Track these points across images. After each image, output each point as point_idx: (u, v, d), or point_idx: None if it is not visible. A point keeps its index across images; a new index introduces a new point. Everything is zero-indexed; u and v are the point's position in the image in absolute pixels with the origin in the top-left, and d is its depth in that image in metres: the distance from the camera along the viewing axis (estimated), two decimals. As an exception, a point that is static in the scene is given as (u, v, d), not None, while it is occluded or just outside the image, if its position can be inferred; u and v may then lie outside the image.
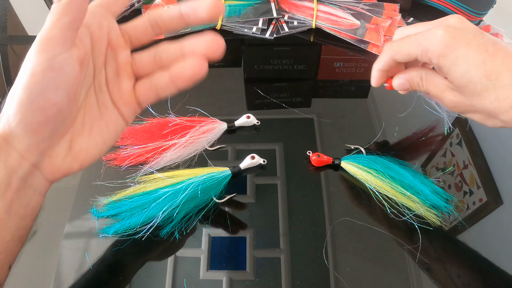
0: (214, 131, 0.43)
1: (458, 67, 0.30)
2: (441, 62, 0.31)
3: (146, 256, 0.34)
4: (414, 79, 0.35)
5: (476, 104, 0.31)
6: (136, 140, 0.42)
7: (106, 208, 0.36)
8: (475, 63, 0.29)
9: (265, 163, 0.41)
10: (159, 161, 0.40)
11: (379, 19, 0.56)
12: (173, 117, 0.44)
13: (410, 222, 0.36)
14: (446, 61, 0.30)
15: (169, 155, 0.40)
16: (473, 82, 0.30)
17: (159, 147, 0.41)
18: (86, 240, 0.35)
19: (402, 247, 0.34)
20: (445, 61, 0.31)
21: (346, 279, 0.32)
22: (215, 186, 0.38)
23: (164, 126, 0.43)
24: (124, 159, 0.40)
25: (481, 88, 0.30)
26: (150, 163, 0.40)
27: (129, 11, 0.54)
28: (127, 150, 0.41)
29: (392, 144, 0.44)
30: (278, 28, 0.58)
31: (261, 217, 0.37)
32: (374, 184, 0.38)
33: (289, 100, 0.42)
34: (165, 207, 0.35)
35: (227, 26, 0.58)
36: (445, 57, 0.30)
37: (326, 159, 0.40)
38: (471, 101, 0.31)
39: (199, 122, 0.43)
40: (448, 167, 0.41)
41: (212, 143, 0.43)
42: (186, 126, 0.43)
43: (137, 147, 0.41)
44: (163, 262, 0.34)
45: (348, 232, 0.36)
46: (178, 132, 0.42)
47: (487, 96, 0.30)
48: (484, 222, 0.37)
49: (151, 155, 0.40)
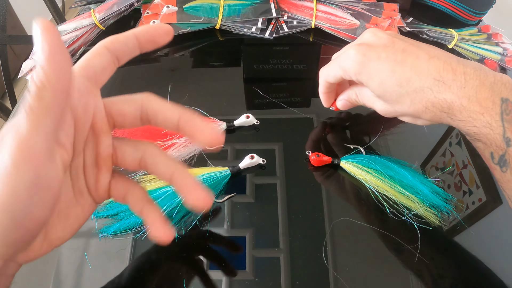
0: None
1: (373, 81, 0.33)
2: (359, 79, 0.34)
3: (145, 256, 0.34)
4: (351, 96, 0.39)
5: (398, 109, 0.33)
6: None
7: (106, 207, 0.36)
8: (386, 74, 0.32)
9: (264, 163, 0.41)
10: None
11: (379, 19, 0.56)
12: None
13: (410, 222, 0.36)
14: (362, 77, 0.34)
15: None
16: (388, 92, 0.32)
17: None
18: (85, 240, 0.35)
19: (401, 247, 0.34)
20: (362, 77, 0.34)
21: (346, 279, 0.32)
22: (215, 186, 0.38)
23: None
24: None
25: (396, 95, 0.32)
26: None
27: (129, 10, 0.54)
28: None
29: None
30: (278, 28, 0.58)
31: (261, 217, 0.37)
32: (374, 183, 0.38)
33: (288, 100, 0.42)
34: (165, 207, 0.35)
35: (227, 25, 0.58)
36: (360, 74, 0.33)
37: (325, 159, 0.40)
38: (394, 108, 0.34)
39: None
40: (448, 167, 0.41)
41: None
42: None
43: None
44: (162, 262, 0.34)
45: (347, 232, 0.36)
46: (178, 132, 0.42)
47: (404, 101, 0.32)
48: (484, 222, 0.37)
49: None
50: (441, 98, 0.30)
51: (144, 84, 0.51)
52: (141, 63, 0.55)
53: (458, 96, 0.30)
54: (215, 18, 0.57)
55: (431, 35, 0.58)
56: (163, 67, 0.54)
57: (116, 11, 0.52)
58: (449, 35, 0.57)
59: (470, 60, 0.32)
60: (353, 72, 0.34)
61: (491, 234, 0.37)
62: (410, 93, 0.31)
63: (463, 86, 0.30)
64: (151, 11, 0.57)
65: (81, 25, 0.52)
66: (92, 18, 0.52)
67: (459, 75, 0.30)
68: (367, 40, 0.34)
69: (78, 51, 0.51)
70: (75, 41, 0.51)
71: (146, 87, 0.50)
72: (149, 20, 0.56)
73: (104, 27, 0.53)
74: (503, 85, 0.29)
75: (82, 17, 0.53)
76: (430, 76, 0.30)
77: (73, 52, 0.51)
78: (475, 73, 0.30)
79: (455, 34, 0.57)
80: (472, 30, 0.60)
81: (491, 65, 0.54)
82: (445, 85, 0.30)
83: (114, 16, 0.53)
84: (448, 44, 0.56)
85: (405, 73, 0.31)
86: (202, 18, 0.56)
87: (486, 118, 0.29)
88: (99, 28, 0.53)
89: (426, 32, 0.58)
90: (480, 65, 0.31)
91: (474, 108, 0.29)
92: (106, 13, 0.52)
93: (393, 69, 0.32)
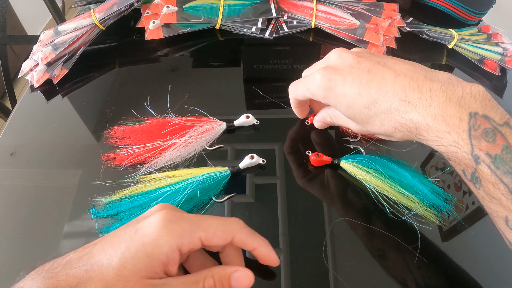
0: (213, 130, 0.43)
1: (341, 105, 0.33)
2: (327, 102, 0.34)
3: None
4: (326, 119, 0.40)
5: (370, 129, 0.34)
6: (135, 140, 0.42)
7: (106, 207, 0.36)
8: (353, 97, 0.32)
9: (264, 163, 0.41)
10: (158, 161, 0.40)
11: (379, 19, 0.56)
12: (172, 117, 0.44)
13: (410, 222, 0.36)
14: (330, 101, 0.34)
15: (168, 154, 0.40)
16: (357, 114, 0.33)
17: (158, 147, 0.41)
18: (85, 240, 0.35)
19: (401, 247, 0.34)
20: (329, 101, 0.34)
21: (346, 279, 0.32)
22: (215, 186, 0.38)
23: (163, 126, 0.43)
24: (123, 159, 0.40)
25: (365, 117, 0.32)
26: (149, 163, 0.40)
27: (129, 10, 0.54)
28: (126, 150, 0.41)
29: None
30: (278, 28, 0.58)
31: (261, 217, 0.37)
32: (374, 184, 0.38)
33: (288, 100, 0.42)
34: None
35: (227, 25, 0.58)
36: (328, 98, 0.34)
37: (325, 159, 0.40)
38: (366, 128, 0.34)
39: (198, 122, 0.43)
40: (448, 167, 0.41)
41: (211, 142, 0.43)
42: (185, 126, 0.43)
43: (136, 147, 0.41)
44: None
45: (347, 232, 0.36)
46: (177, 132, 0.42)
47: (374, 122, 0.32)
48: (484, 222, 0.37)
49: (150, 154, 0.40)
50: (407, 118, 0.30)
51: (144, 84, 0.51)
52: (141, 63, 0.55)
53: (424, 116, 0.29)
54: (215, 18, 0.57)
55: (431, 35, 0.58)
56: (163, 67, 0.54)
57: (116, 11, 0.52)
58: (449, 35, 0.57)
59: (440, 72, 0.31)
60: (320, 97, 0.34)
61: (491, 234, 0.37)
62: (378, 114, 0.31)
63: (428, 104, 0.29)
64: (151, 11, 0.57)
65: (81, 25, 0.52)
66: (92, 18, 0.52)
67: (425, 93, 0.29)
68: (332, 62, 0.34)
69: (78, 51, 0.51)
70: (75, 41, 0.51)
71: (146, 87, 0.50)
72: (149, 20, 0.56)
73: (104, 27, 0.53)
74: (472, 98, 0.28)
75: (82, 17, 0.53)
76: (396, 96, 0.30)
77: (73, 52, 0.51)
78: (441, 88, 0.29)
79: (455, 34, 0.57)
80: (472, 30, 0.60)
81: (491, 65, 0.54)
82: (411, 105, 0.29)
83: (114, 16, 0.53)
84: (448, 44, 0.56)
85: (371, 96, 0.31)
86: (202, 18, 0.56)
87: (453, 136, 0.28)
88: (99, 28, 0.53)
89: (426, 32, 0.58)
90: (449, 77, 0.30)
91: (440, 127, 0.28)
92: (106, 13, 0.52)
93: (359, 92, 0.32)
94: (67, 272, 0.25)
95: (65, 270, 0.25)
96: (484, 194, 0.28)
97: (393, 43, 0.57)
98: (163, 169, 0.39)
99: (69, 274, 0.25)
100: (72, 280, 0.25)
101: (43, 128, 0.46)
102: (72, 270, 0.25)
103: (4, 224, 0.36)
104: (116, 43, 0.58)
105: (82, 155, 0.42)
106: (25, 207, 0.38)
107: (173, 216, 0.27)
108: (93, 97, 0.49)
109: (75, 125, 0.46)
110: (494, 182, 0.27)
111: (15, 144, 0.44)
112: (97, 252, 0.26)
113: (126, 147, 0.41)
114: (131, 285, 0.24)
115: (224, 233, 0.28)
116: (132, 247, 0.25)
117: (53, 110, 0.48)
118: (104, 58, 0.56)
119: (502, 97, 0.52)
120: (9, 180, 0.40)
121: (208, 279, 0.26)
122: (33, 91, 0.50)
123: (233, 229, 0.28)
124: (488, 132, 0.27)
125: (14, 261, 0.34)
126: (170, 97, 0.47)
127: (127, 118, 0.45)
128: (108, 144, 0.42)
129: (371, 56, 0.34)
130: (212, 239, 0.27)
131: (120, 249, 0.25)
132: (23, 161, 0.42)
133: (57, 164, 0.42)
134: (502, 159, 0.27)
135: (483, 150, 0.27)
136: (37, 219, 0.37)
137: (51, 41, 0.51)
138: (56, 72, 0.50)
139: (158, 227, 0.26)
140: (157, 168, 0.40)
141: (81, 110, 0.47)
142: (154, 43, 0.57)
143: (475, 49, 0.56)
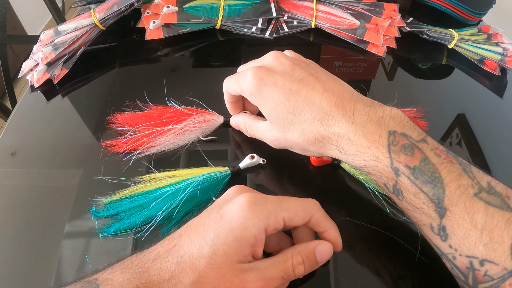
0: (210, 122, 0.44)
1: (267, 105, 0.34)
2: (253, 100, 0.35)
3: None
4: (241, 126, 0.41)
5: (288, 138, 0.34)
6: (134, 126, 0.43)
7: (106, 207, 0.36)
8: (280, 101, 0.33)
9: (264, 163, 0.41)
10: (154, 145, 0.41)
11: (379, 19, 0.56)
12: (173, 104, 0.45)
13: (410, 222, 0.36)
14: (256, 99, 0.34)
15: (163, 139, 0.41)
16: (281, 118, 0.33)
17: (155, 132, 0.42)
18: (86, 240, 0.35)
19: (401, 247, 0.34)
20: (256, 100, 0.34)
21: (346, 279, 0.32)
22: (215, 186, 0.38)
23: (162, 113, 0.44)
24: (122, 145, 0.41)
25: (288, 122, 0.33)
26: (145, 149, 0.41)
27: (129, 10, 0.54)
28: (124, 136, 0.42)
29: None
30: (278, 28, 0.58)
31: (261, 217, 0.37)
32: (374, 183, 0.38)
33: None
34: (165, 207, 0.35)
35: (227, 25, 0.58)
36: (255, 97, 0.34)
37: (325, 158, 0.40)
38: (285, 136, 0.34)
39: (197, 112, 0.44)
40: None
41: (207, 135, 0.43)
42: (184, 114, 0.44)
43: (134, 129, 0.42)
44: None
45: (347, 232, 0.36)
46: (175, 119, 0.43)
47: (295, 129, 0.33)
48: (484, 222, 0.37)
49: (147, 140, 0.41)
50: (330, 131, 0.31)
51: (144, 84, 0.51)
52: (141, 63, 0.55)
53: (346, 131, 0.30)
54: (215, 18, 0.57)
55: (431, 35, 0.58)
56: (163, 67, 0.54)
57: (116, 11, 0.52)
58: (449, 35, 0.57)
59: (365, 97, 0.33)
60: (248, 94, 0.35)
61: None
62: (301, 122, 0.32)
63: (351, 121, 0.30)
64: (151, 11, 0.58)
65: (81, 25, 0.52)
66: (92, 18, 0.52)
67: (348, 111, 0.31)
68: (268, 63, 0.35)
69: (78, 51, 0.51)
70: (75, 41, 0.51)
71: (146, 87, 0.50)
72: (149, 20, 0.56)
73: (104, 27, 0.53)
74: (392, 119, 0.30)
75: (82, 17, 0.53)
76: (322, 110, 0.31)
77: (73, 52, 0.51)
78: (364, 109, 0.31)
79: (455, 34, 0.57)
80: (472, 30, 0.60)
81: (491, 65, 0.54)
82: (334, 119, 0.31)
83: (114, 16, 0.53)
84: (448, 44, 0.56)
85: (298, 104, 0.32)
86: (202, 18, 0.56)
87: (373, 151, 0.29)
88: (99, 28, 0.53)
89: (426, 32, 0.58)
90: (372, 101, 0.32)
91: (361, 142, 0.30)
92: (106, 13, 0.52)
93: (287, 97, 0.32)
94: (158, 267, 0.26)
95: (156, 265, 0.26)
96: (407, 205, 0.29)
97: (393, 43, 0.57)
98: (163, 169, 0.39)
99: (161, 268, 0.25)
100: (165, 274, 0.25)
101: (43, 128, 0.46)
102: (163, 265, 0.26)
103: (4, 224, 0.36)
104: (116, 43, 0.58)
105: (83, 155, 0.42)
106: (26, 207, 0.38)
107: (257, 198, 0.27)
108: (93, 97, 0.50)
109: (75, 125, 0.46)
110: (414, 192, 0.28)
111: (15, 144, 0.44)
112: (185, 243, 0.26)
113: (124, 133, 0.42)
114: (223, 272, 0.25)
115: (304, 213, 0.29)
116: (221, 234, 0.26)
117: (53, 110, 0.48)
118: (104, 58, 0.56)
119: (502, 97, 0.52)
120: (9, 180, 0.40)
121: (296, 256, 0.28)
122: (33, 91, 0.50)
123: (311, 209, 0.29)
124: (406, 147, 0.29)
125: (14, 261, 0.34)
126: (170, 97, 0.47)
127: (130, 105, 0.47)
128: (107, 133, 0.44)
129: (306, 66, 0.35)
130: (294, 219, 0.28)
131: (209, 237, 0.26)
132: (23, 161, 0.42)
133: (58, 164, 0.42)
134: (421, 170, 0.28)
135: (402, 162, 0.28)
136: (37, 219, 0.37)
137: (51, 41, 0.51)
138: (56, 72, 0.50)
139: (245, 210, 0.26)
140: (155, 164, 0.40)
141: (81, 110, 0.48)
142: (154, 43, 0.57)
143: (475, 49, 0.56)
